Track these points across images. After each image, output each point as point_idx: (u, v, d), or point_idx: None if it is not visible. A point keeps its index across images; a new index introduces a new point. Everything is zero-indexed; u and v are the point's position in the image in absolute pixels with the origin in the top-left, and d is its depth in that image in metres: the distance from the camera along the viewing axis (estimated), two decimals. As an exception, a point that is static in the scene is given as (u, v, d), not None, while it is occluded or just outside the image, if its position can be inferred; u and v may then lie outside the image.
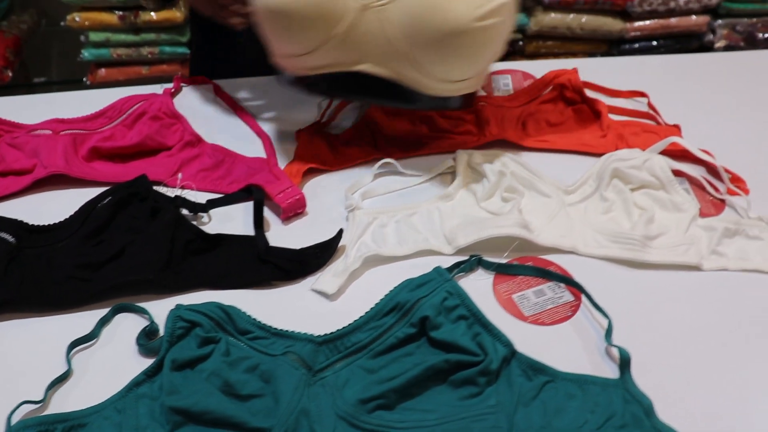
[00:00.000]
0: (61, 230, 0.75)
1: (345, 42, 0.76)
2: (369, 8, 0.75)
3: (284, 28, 0.77)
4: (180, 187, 0.82)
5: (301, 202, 0.79)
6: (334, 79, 0.81)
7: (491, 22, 0.74)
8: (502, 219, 0.76)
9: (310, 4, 0.74)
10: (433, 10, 0.72)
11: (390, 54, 0.77)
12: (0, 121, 0.90)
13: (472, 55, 0.76)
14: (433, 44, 0.74)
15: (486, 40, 0.76)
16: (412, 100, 0.81)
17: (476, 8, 0.73)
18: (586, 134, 0.95)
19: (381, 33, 0.75)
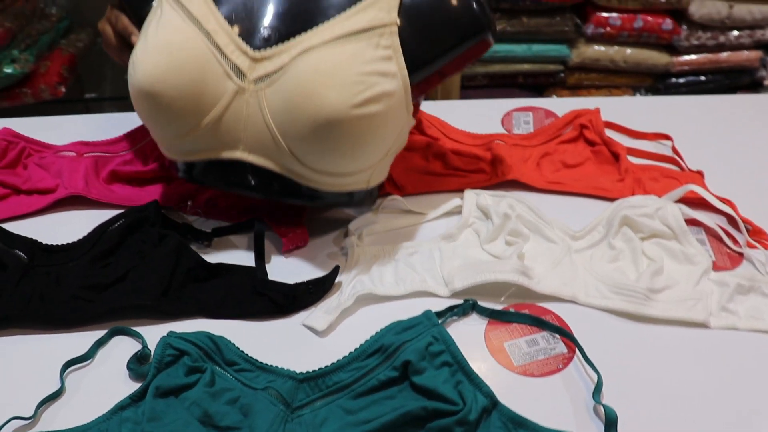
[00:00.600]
0: (73, 250, 0.78)
1: (219, 127, 0.73)
2: (246, 91, 0.71)
3: (153, 110, 0.72)
4: (190, 214, 0.85)
5: (303, 237, 0.80)
6: (213, 167, 0.77)
7: (370, 111, 0.68)
8: (500, 264, 0.75)
9: (182, 85, 0.70)
10: (307, 96, 0.68)
11: (268, 142, 0.72)
12: (32, 140, 0.94)
13: (351, 147, 0.70)
14: (308, 134, 0.69)
15: (365, 131, 0.69)
16: (300, 194, 0.77)
17: (353, 96, 0.67)
18: (602, 177, 0.93)
19: (258, 119, 0.71)
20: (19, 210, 0.85)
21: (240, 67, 0.71)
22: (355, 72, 0.68)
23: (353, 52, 0.69)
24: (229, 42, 0.72)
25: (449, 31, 0.73)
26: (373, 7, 0.71)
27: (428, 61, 0.74)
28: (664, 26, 1.82)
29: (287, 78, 0.70)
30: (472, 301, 0.73)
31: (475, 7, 0.73)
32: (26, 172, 0.90)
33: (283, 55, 0.71)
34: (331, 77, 0.68)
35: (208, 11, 0.73)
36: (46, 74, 1.77)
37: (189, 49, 0.71)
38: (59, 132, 0.99)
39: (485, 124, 1.04)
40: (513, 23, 1.81)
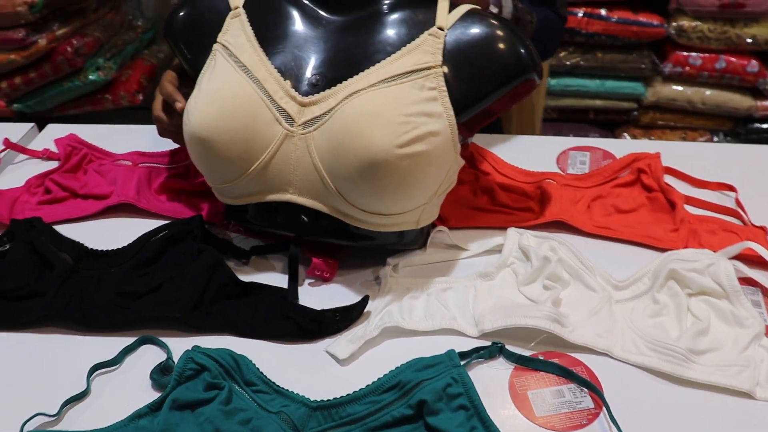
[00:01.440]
0: (116, 257, 0.81)
1: (269, 170, 0.74)
2: (295, 135, 0.73)
3: (206, 155, 0.74)
4: (231, 231, 0.86)
5: (332, 269, 0.80)
6: (262, 210, 0.78)
7: (415, 150, 0.69)
8: (533, 309, 0.72)
9: (233, 131, 0.72)
10: (353, 137, 0.68)
11: (317, 184, 0.73)
12: (94, 147, 0.99)
13: (398, 187, 0.70)
14: (354, 174, 0.69)
15: (411, 170, 0.70)
16: (350, 235, 0.77)
17: (398, 136, 0.68)
18: (655, 226, 0.89)
19: (307, 161, 0.73)
20: (74, 213, 0.89)
21: (288, 112, 0.73)
22: (399, 113, 0.69)
23: (398, 93, 0.70)
24: (278, 89, 0.74)
25: (494, 72, 0.73)
26: (418, 50, 0.73)
27: (474, 102, 0.74)
28: (749, 68, 1.74)
29: (334, 121, 0.71)
30: (500, 345, 0.71)
31: (520, 49, 0.73)
32: (85, 177, 0.95)
33: (330, 99, 0.72)
34: (375, 118, 0.68)
35: (259, 61, 0.76)
36: (127, 82, 1.86)
37: (239, 95, 0.73)
38: (120, 140, 1.03)
39: (539, 161, 1.02)
40: (587, 58, 1.77)
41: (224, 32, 0.79)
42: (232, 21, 0.79)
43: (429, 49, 0.73)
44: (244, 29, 0.78)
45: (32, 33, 1.71)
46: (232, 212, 0.81)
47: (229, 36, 0.78)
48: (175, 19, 0.84)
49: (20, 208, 0.90)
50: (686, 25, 1.68)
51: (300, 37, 0.78)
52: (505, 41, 0.73)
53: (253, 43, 0.77)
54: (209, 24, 0.81)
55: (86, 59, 1.78)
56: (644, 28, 1.70)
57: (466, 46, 0.73)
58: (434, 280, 0.79)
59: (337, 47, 0.76)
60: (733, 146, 1.12)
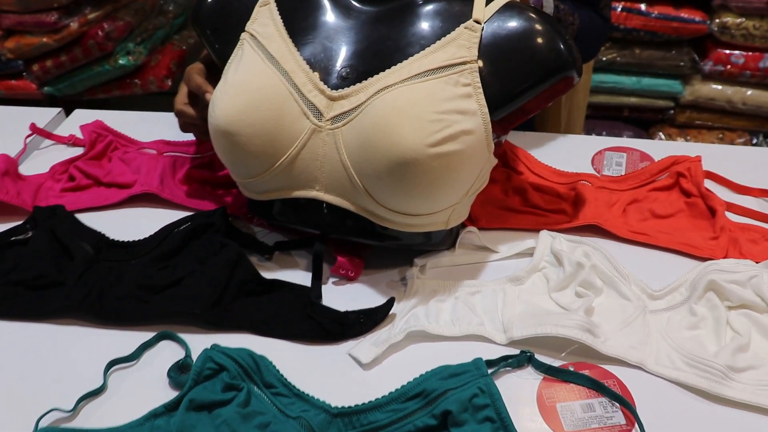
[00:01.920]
0: (137, 248, 0.80)
1: (295, 166, 0.72)
2: (323, 130, 0.70)
3: (231, 148, 0.72)
4: (255, 225, 0.84)
5: (357, 269, 0.78)
6: (287, 206, 0.76)
7: (447, 149, 0.66)
8: (565, 317, 0.70)
9: (259, 124, 0.70)
10: (383, 135, 0.65)
11: (344, 181, 0.70)
12: (119, 135, 0.98)
13: (428, 187, 0.67)
14: (383, 173, 0.66)
15: (443, 170, 0.67)
16: (376, 235, 0.74)
17: (430, 134, 0.65)
18: (694, 233, 0.85)
19: (335, 158, 0.70)
20: (97, 202, 0.88)
21: (317, 106, 0.71)
22: (432, 110, 0.66)
23: (430, 90, 0.67)
24: (307, 81, 0.72)
25: (532, 68, 0.70)
26: (452, 44, 0.70)
27: (510, 99, 0.71)
28: (793, 68, 1.68)
29: (363, 116, 0.68)
30: (529, 354, 0.69)
31: (560, 44, 0.70)
32: (109, 165, 0.94)
33: (360, 93, 0.70)
34: (406, 115, 0.66)
35: (287, 52, 0.73)
36: (156, 67, 1.85)
37: (266, 88, 0.71)
38: (146, 128, 1.02)
39: (574, 161, 0.98)
40: (624, 54, 1.72)
41: (253, 21, 0.77)
42: (261, 9, 0.77)
43: (464, 43, 0.70)
44: (273, 18, 0.76)
45: (65, 16, 1.71)
46: (257, 207, 0.79)
47: (258, 25, 0.76)
48: (203, 6, 0.82)
49: (44, 194, 0.89)
50: (730, 22, 1.62)
51: (330, 27, 0.75)
52: (544, 36, 0.70)
53: (282, 33, 0.74)
54: (238, 12, 0.78)
55: (116, 43, 1.77)
56: (685, 24, 1.64)
57: (503, 40, 0.70)
58: (462, 283, 0.76)
59: (369, 39, 0.73)
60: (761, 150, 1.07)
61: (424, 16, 0.73)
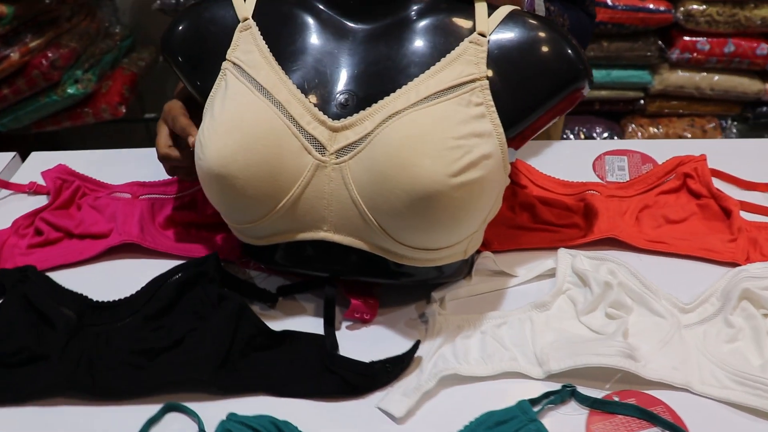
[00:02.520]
0: (124, 307, 0.72)
1: (300, 206, 0.65)
2: (327, 165, 0.64)
3: (226, 194, 0.65)
4: (252, 269, 0.77)
5: (372, 310, 0.71)
6: (291, 250, 0.70)
7: (470, 178, 0.60)
8: (603, 345, 0.65)
9: (257, 165, 0.63)
10: (400, 167, 0.59)
11: (356, 220, 0.64)
12: (87, 179, 0.89)
13: (451, 219, 0.62)
14: (402, 208, 0.60)
15: (465, 200, 0.61)
16: (390, 273, 0.69)
17: (450, 163, 0.60)
18: (711, 237, 0.82)
19: (344, 194, 0.64)
20: (71, 257, 0.80)
21: (319, 139, 0.64)
22: (449, 136, 0.60)
23: (444, 113, 0.61)
24: (304, 112, 0.65)
25: (544, 80, 0.65)
26: (459, 61, 0.64)
27: (523, 115, 0.66)
28: (758, 51, 1.68)
29: (373, 148, 0.62)
30: (571, 388, 0.64)
31: (569, 52, 0.65)
32: (80, 214, 0.85)
33: (366, 122, 0.64)
34: (424, 143, 0.60)
35: (278, 80, 0.66)
36: (108, 94, 1.75)
37: (261, 123, 0.64)
38: (115, 168, 0.94)
39: (574, 168, 0.94)
40: (592, 48, 1.70)
41: (234, 48, 0.70)
42: (241, 35, 0.70)
43: (471, 58, 0.64)
44: (256, 43, 0.69)
45: (3, 46, 1.59)
46: (254, 252, 0.72)
47: (240, 52, 0.69)
48: (173, 36, 0.74)
49: (8, 253, 0.80)
50: (694, 10, 1.62)
51: (321, 50, 0.69)
52: (555, 46, 0.65)
53: (269, 59, 0.68)
54: (214, 38, 0.71)
55: (63, 72, 1.66)
56: (651, 14, 1.63)
57: (511, 52, 0.65)
58: (487, 315, 0.71)
59: (366, 60, 0.67)
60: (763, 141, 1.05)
61: (422, 31, 0.67)
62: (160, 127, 0.77)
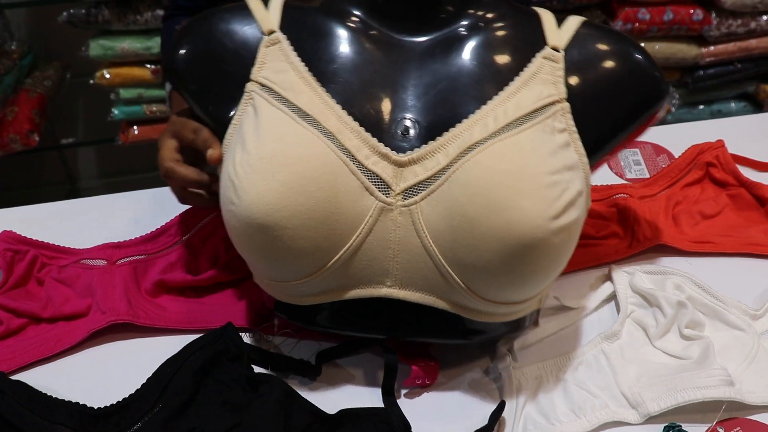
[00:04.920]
0: (133, 408, 0.58)
1: (358, 258, 0.54)
2: (394, 208, 0.53)
3: (270, 247, 0.53)
4: (277, 335, 0.66)
5: (434, 373, 0.62)
6: (342, 310, 0.58)
7: (569, 220, 0.52)
8: (703, 376, 0.59)
9: (309, 211, 0.51)
10: (491, 211, 0.50)
11: (430, 273, 0.54)
12: (43, 245, 0.73)
13: (546, 269, 0.53)
14: (494, 261, 0.51)
15: (563, 246, 0.53)
16: (462, 332, 0.59)
17: (551, 204, 0.51)
18: (752, 229, 0.78)
19: (414, 243, 0.53)
20: (45, 349, 0.65)
21: (382, 176, 0.53)
22: (544, 171, 0.51)
23: (533, 144, 0.52)
24: (361, 144, 0.53)
25: (626, 100, 0.58)
26: (535, 80, 0.55)
27: (605, 140, 0.58)
28: (694, 17, 1.68)
29: (452, 186, 0.52)
30: (677, 428, 0.57)
31: (652, 68, 0.59)
32: (43, 291, 0.70)
33: (438, 155, 0.53)
34: (520, 181, 0.50)
35: (324, 106, 0.54)
36: (15, 121, 1.53)
37: (312, 159, 0.52)
38: (74, 224, 0.78)
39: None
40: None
41: (260, 66, 0.57)
42: (268, 50, 0.57)
43: (548, 77, 0.55)
44: (290, 61, 0.56)
45: None
46: (291, 312, 0.60)
47: (269, 71, 0.56)
48: (176, 56, 0.60)
49: (-44, 356, 0.64)
50: (635, -20, 1.60)
51: (368, 68, 0.57)
52: (636, 61, 0.58)
53: (309, 80, 0.55)
54: (231, 56, 0.58)
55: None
56: (595, -13, 1.59)
57: (588, 69, 0.57)
58: (561, 359, 0.63)
59: (424, 80, 0.56)
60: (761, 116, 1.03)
61: (484, 45, 0.57)
62: (163, 140, 0.63)
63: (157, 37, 1.48)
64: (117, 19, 1.44)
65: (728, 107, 1.89)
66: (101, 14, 1.44)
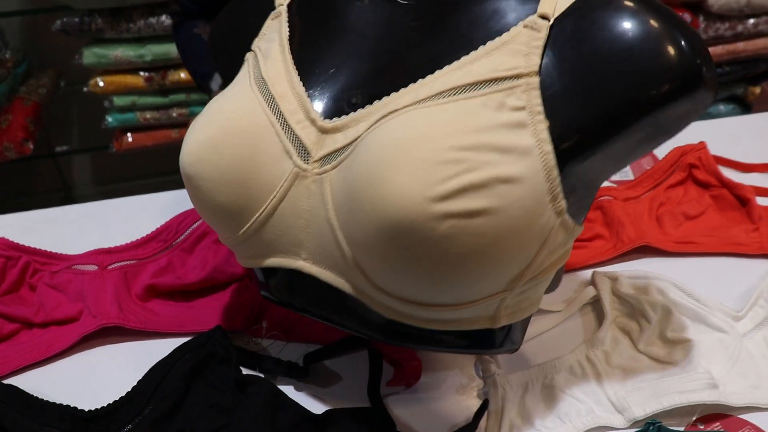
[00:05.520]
0: (123, 410, 0.59)
1: (271, 224, 0.52)
2: (308, 175, 0.50)
3: (196, 198, 0.54)
4: (266, 338, 0.67)
5: (416, 372, 0.62)
6: (282, 281, 0.56)
7: (463, 207, 0.43)
8: (687, 380, 0.60)
9: (225, 166, 0.51)
10: (369, 184, 0.44)
11: (331, 248, 0.50)
12: (36, 251, 0.74)
13: (437, 265, 0.45)
14: (372, 239, 0.45)
15: (459, 239, 0.44)
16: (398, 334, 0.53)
17: (436, 183, 0.43)
18: (734, 229, 0.79)
19: (320, 213, 0.50)
20: (36, 354, 0.66)
21: (304, 141, 0.51)
22: (449, 144, 0.44)
23: (455, 114, 0.45)
24: (299, 108, 0.52)
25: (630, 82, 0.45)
26: (503, 50, 0.47)
27: (595, 133, 0.46)
28: (683, 21, 1.70)
29: (355, 154, 0.48)
30: (657, 424, 0.58)
31: (680, 43, 0.44)
32: (36, 297, 0.71)
33: (361, 123, 0.49)
34: (407, 152, 0.44)
35: (283, 71, 0.54)
36: (9, 130, 1.54)
37: (240, 117, 0.52)
38: (66, 230, 0.79)
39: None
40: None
41: (261, 37, 0.58)
42: (271, 23, 0.58)
43: (521, 48, 0.47)
44: (280, 31, 0.57)
45: None
46: (257, 281, 0.59)
47: (264, 41, 0.57)
48: (213, 33, 0.65)
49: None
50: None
51: (353, 34, 0.54)
52: (654, 33, 0.45)
53: (285, 48, 0.55)
54: (249, 29, 0.60)
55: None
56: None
57: (585, 42, 0.46)
58: (546, 365, 0.63)
59: (394, 46, 0.52)
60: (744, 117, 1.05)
61: (474, 10, 0.50)
62: None
63: (150, 44, 1.50)
64: (110, 27, 1.46)
65: (717, 110, 1.91)
66: (94, 23, 1.45)
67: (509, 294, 0.50)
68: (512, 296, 0.51)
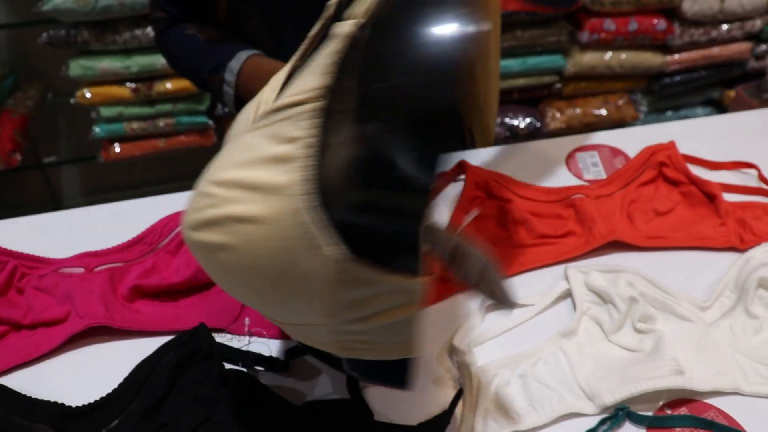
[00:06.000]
0: (110, 406, 0.61)
1: None
2: None
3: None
4: (248, 333, 0.69)
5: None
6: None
7: (206, 240, 0.43)
8: (654, 367, 0.62)
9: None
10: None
11: None
12: (24, 256, 0.76)
13: (222, 286, 0.48)
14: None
15: (212, 270, 0.46)
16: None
17: (189, 213, 0.45)
18: (702, 224, 0.82)
19: None
20: (25, 354, 0.67)
21: None
22: (211, 178, 0.45)
23: (242, 144, 0.46)
24: None
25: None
26: (312, 67, 0.43)
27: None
28: (658, 27, 1.74)
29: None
30: (626, 410, 0.61)
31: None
32: (24, 299, 0.72)
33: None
34: (205, 176, 0.46)
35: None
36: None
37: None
38: (52, 236, 0.81)
39: (549, 170, 0.91)
40: (507, 38, 1.69)
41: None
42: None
43: (323, 62, 0.43)
44: None
45: None
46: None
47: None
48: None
49: (-59, 363, 0.67)
50: (600, -8, 1.65)
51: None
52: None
53: None
54: None
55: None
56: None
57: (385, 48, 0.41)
58: (518, 355, 0.66)
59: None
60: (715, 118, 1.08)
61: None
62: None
63: (136, 56, 1.51)
64: (96, 39, 1.47)
65: (694, 113, 1.95)
66: (80, 35, 1.47)
67: (329, 328, 0.46)
68: (337, 332, 0.46)
